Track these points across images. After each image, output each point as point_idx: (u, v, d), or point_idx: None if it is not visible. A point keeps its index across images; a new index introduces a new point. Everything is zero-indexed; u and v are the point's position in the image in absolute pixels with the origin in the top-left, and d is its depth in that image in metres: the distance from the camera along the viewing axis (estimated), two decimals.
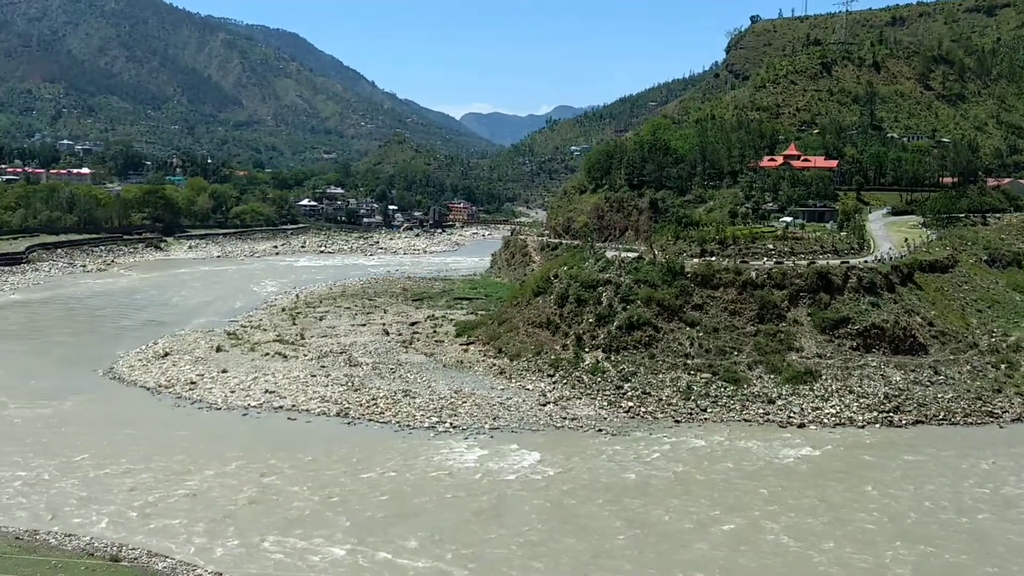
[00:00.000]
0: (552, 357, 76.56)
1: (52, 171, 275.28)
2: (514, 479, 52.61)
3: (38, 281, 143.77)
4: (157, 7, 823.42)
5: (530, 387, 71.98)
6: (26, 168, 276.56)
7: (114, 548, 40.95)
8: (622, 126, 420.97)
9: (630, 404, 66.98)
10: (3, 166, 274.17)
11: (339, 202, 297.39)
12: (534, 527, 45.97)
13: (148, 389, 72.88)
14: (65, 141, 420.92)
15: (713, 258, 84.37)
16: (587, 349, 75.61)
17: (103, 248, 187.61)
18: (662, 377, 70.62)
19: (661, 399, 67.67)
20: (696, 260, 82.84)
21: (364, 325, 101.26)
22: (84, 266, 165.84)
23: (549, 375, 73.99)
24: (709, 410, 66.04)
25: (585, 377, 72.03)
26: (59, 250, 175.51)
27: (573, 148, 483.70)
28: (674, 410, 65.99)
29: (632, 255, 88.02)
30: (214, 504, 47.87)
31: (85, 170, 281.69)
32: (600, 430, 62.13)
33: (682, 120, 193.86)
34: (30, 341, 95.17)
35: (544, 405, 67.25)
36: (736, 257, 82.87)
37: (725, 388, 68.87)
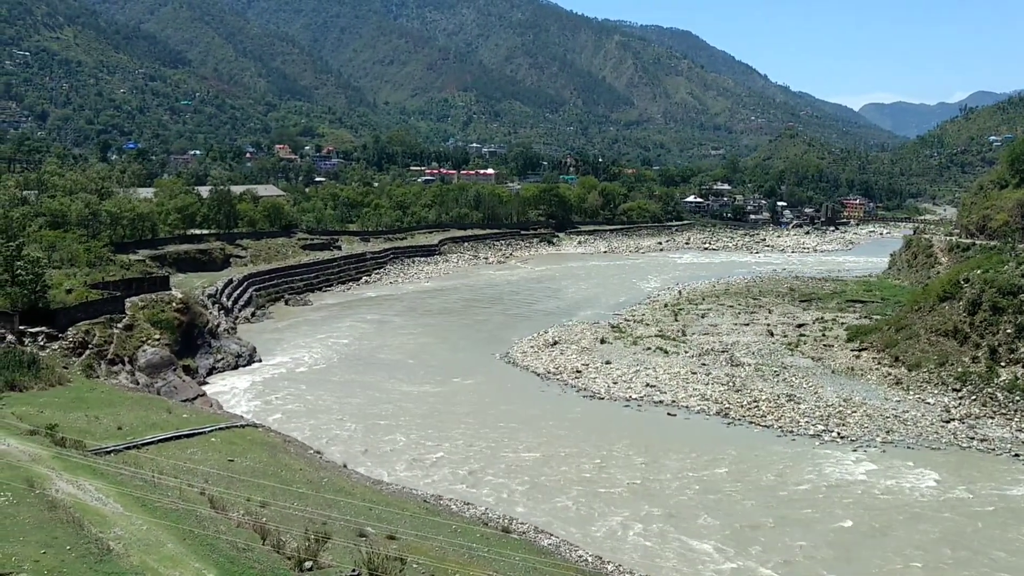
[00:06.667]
0: (959, 370, 68.88)
1: (462, 172, 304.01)
2: (908, 499, 47.92)
3: (448, 271, 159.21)
4: (558, 15, 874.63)
5: (931, 401, 65.44)
6: (441, 169, 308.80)
7: (505, 520, 43.20)
8: None
9: None
10: (423, 168, 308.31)
11: (725, 198, 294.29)
12: (929, 553, 41.46)
13: (538, 375, 77.09)
14: (474, 144, 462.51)
15: None
16: (1003, 363, 66.91)
17: (502, 242, 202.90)
18: None
19: None
20: None
21: (747, 324, 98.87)
22: (486, 258, 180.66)
23: (954, 389, 66.67)
24: None
25: (1000, 394, 63.77)
26: (465, 243, 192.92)
27: (992, 138, 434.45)
28: None
29: None
30: (596, 488, 49.17)
31: (490, 171, 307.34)
32: (1017, 455, 54.49)
33: None
34: (440, 325, 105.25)
35: (947, 422, 60.62)
36: None
37: None
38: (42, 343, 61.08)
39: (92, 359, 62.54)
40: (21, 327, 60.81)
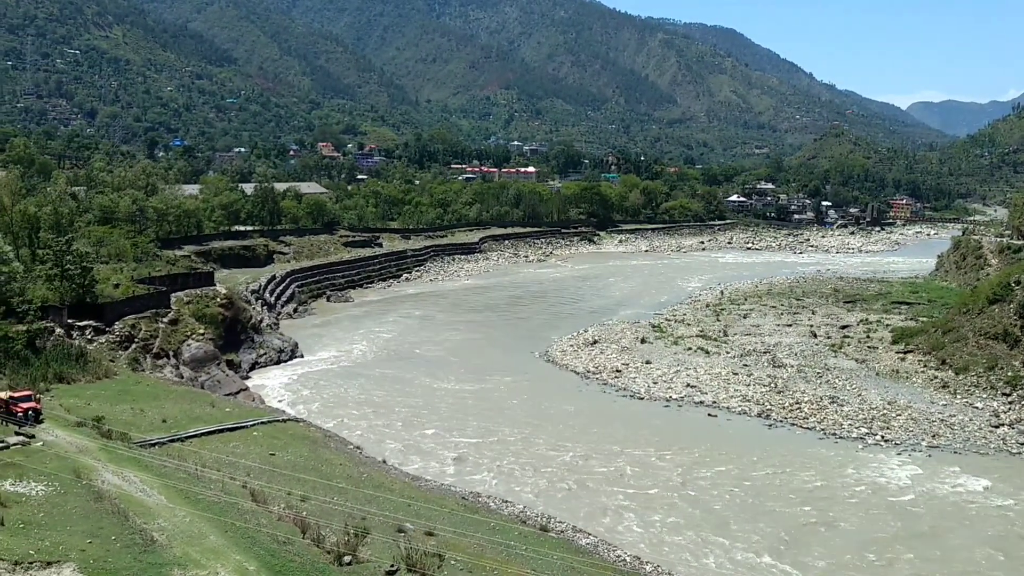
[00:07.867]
0: (1009, 374, 67.47)
1: (503, 170, 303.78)
2: (953, 504, 47.05)
3: (488, 269, 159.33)
4: (601, 12, 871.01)
5: (979, 405, 64.17)
6: (482, 167, 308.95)
7: (543, 519, 43.09)
8: None
9: None
10: (464, 166, 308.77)
11: (768, 198, 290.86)
12: (974, 561, 40.65)
13: (578, 374, 76.88)
14: (515, 142, 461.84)
15: None
16: None
17: (543, 240, 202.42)
18: None
19: None
20: None
21: (790, 325, 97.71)
22: (526, 256, 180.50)
23: (1004, 394, 65.30)
24: None
25: None
26: (506, 241, 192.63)
27: None
28: None
29: None
30: (634, 488, 48.92)
31: (531, 169, 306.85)
32: None
33: None
34: (481, 322, 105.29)
35: (996, 427, 59.40)
36: None
37: None
38: (90, 336, 62.24)
39: (138, 353, 63.63)
40: (69, 321, 62.03)
